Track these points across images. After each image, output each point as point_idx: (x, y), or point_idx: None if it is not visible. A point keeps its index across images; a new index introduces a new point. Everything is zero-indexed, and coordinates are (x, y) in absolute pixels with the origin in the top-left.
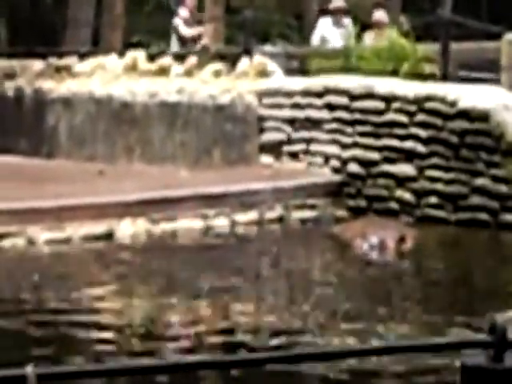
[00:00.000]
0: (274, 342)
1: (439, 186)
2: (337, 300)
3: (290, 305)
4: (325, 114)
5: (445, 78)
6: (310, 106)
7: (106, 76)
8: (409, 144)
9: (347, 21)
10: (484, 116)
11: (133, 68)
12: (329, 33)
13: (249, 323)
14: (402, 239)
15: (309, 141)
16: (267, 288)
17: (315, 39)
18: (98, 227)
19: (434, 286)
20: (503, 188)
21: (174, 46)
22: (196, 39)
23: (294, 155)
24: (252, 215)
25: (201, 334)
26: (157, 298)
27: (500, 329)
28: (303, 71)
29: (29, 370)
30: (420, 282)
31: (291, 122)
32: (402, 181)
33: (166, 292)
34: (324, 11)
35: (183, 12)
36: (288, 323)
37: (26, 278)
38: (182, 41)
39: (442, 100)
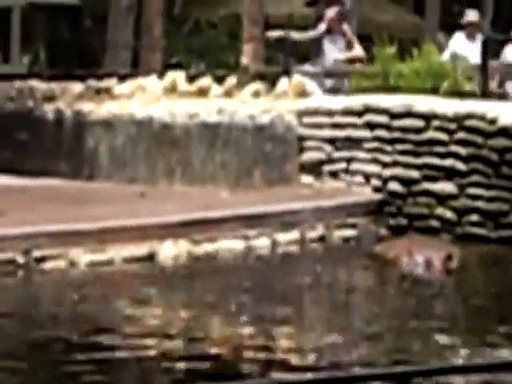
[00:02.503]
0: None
1: (480, 204)
2: (389, 317)
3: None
4: (365, 133)
5: (485, 95)
6: (350, 125)
7: (146, 97)
8: (449, 162)
9: (480, 35)
10: None
11: (172, 89)
12: (462, 48)
13: (291, 343)
14: (449, 257)
15: (349, 160)
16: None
17: (446, 55)
18: (140, 249)
19: (485, 303)
20: None
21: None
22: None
23: (334, 174)
24: (293, 235)
25: (241, 351)
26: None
27: None
28: (343, 90)
29: None
30: (473, 299)
31: (331, 141)
32: (442, 199)
33: (208, 314)
34: (456, 26)
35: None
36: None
37: (68, 299)
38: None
39: (482, 117)
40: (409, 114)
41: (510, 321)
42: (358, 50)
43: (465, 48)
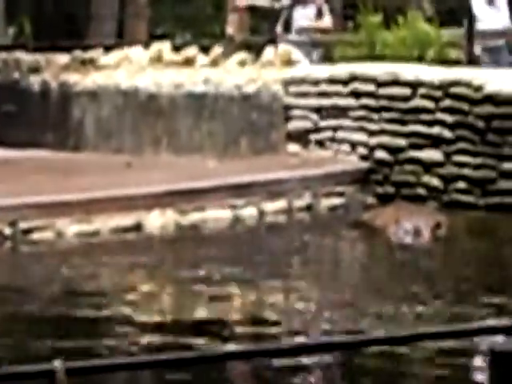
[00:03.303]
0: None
1: (467, 171)
2: (379, 282)
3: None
4: (351, 102)
5: (470, 62)
6: (336, 93)
7: (132, 68)
8: (435, 130)
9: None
10: (510, 100)
11: (158, 59)
12: (481, 12)
13: (276, 311)
14: (437, 225)
15: (335, 128)
16: (304, 275)
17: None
18: (127, 219)
19: (469, 269)
20: None
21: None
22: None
23: (320, 143)
24: (280, 204)
25: (230, 324)
26: (186, 288)
27: None
28: (328, 59)
29: (57, 364)
30: (458, 263)
31: (317, 110)
32: (429, 166)
33: (194, 282)
34: None
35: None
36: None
37: (56, 270)
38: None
39: (468, 85)
40: (395, 82)
41: (496, 290)
42: (325, 21)
43: (483, 12)
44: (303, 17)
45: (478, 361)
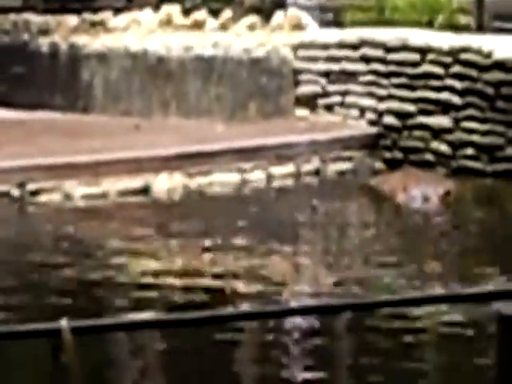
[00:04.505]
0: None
1: (475, 138)
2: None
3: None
4: (360, 67)
5: (480, 29)
6: (345, 58)
7: (141, 31)
8: (444, 96)
9: None
10: None
11: (167, 22)
12: None
13: (283, 276)
14: (447, 193)
15: (344, 93)
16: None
17: None
18: (135, 182)
19: (476, 237)
20: None
21: None
22: None
23: (329, 108)
24: (288, 168)
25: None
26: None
27: None
28: (338, 24)
29: (63, 323)
30: (464, 232)
31: (326, 74)
32: (437, 132)
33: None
34: None
35: None
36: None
37: (63, 231)
38: None
39: (478, 51)
40: (404, 47)
41: (501, 261)
42: None
43: None
44: None
45: (487, 325)
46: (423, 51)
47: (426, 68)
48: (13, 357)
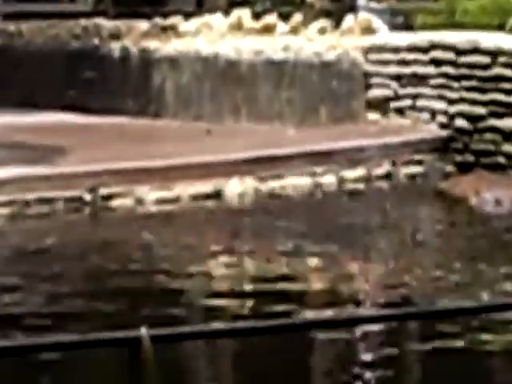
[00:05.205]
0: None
1: None
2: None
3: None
4: (431, 70)
5: None
6: (415, 61)
7: (212, 35)
8: None
9: None
10: None
11: (238, 27)
12: None
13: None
14: None
15: (415, 96)
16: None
17: None
18: (206, 186)
19: None
20: None
21: None
22: None
23: (400, 111)
24: (360, 172)
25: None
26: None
27: None
28: (408, 27)
29: (143, 331)
30: None
31: (397, 77)
32: (509, 135)
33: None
34: None
35: None
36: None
37: (136, 237)
38: None
39: None
40: (475, 50)
41: None
42: None
43: None
44: None
45: None
46: (494, 54)
47: (497, 71)
48: (91, 364)
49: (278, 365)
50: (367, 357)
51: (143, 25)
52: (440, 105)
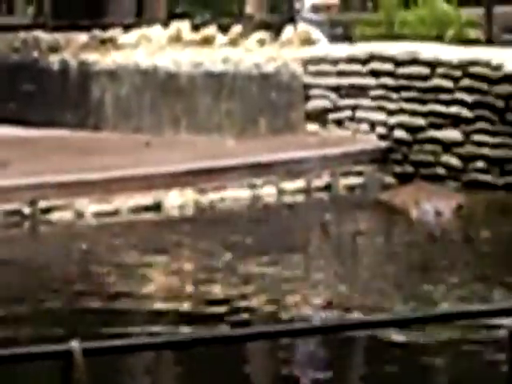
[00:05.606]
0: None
1: (485, 151)
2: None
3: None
4: (370, 81)
5: (489, 42)
6: (355, 72)
7: (151, 47)
8: (454, 109)
9: None
10: None
11: (177, 38)
12: None
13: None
14: (459, 207)
15: (354, 108)
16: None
17: None
18: (146, 198)
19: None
20: None
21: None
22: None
23: (339, 122)
24: (299, 183)
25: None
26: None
27: None
28: (347, 38)
29: (74, 344)
30: (474, 248)
31: (336, 89)
32: (448, 146)
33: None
34: None
35: None
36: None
37: (75, 250)
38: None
39: (487, 64)
40: (414, 61)
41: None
42: None
43: None
44: None
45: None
46: (433, 65)
47: (435, 82)
48: (22, 377)
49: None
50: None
51: (82, 37)
52: (379, 116)
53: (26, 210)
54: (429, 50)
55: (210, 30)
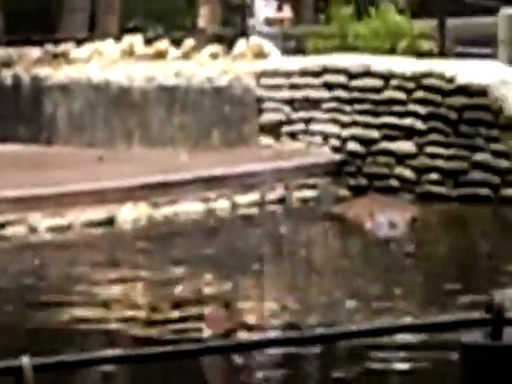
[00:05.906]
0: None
1: (439, 163)
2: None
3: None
4: (323, 94)
5: (442, 54)
6: (308, 85)
7: (103, 61)
8: (408, 121)
9: None
10: (482, 91)
11: (130, 53)
12: None
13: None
14: (413, 220)
15: (308, 120)
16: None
17: None
18: (99, 213)
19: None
20: (503, 163)
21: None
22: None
23: (293, 135)
24: (253, 196)
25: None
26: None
27: (497, 307)
28: (300, 51)
29: (25, 361)
30: (432, 257)
31: (290, 102)
32: (401, 158)
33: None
34: None
35: None
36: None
37: (28, 265)
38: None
39: (440, 76)
40: (367, 73)
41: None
42: (286, 12)
43: None
44: (264, 8)
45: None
46: (386, 77)
47: (389, 94)
48: None
49: None
50: None
51: (35, 52)
52: (333, 128)
53: None
54: (382, 63)
55: (163, 43)
